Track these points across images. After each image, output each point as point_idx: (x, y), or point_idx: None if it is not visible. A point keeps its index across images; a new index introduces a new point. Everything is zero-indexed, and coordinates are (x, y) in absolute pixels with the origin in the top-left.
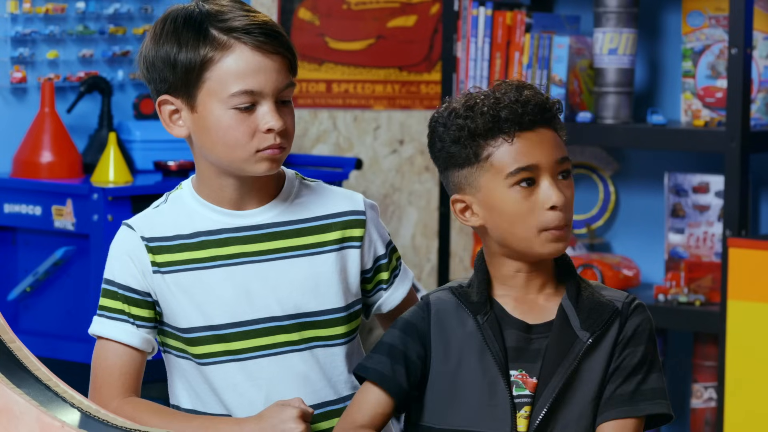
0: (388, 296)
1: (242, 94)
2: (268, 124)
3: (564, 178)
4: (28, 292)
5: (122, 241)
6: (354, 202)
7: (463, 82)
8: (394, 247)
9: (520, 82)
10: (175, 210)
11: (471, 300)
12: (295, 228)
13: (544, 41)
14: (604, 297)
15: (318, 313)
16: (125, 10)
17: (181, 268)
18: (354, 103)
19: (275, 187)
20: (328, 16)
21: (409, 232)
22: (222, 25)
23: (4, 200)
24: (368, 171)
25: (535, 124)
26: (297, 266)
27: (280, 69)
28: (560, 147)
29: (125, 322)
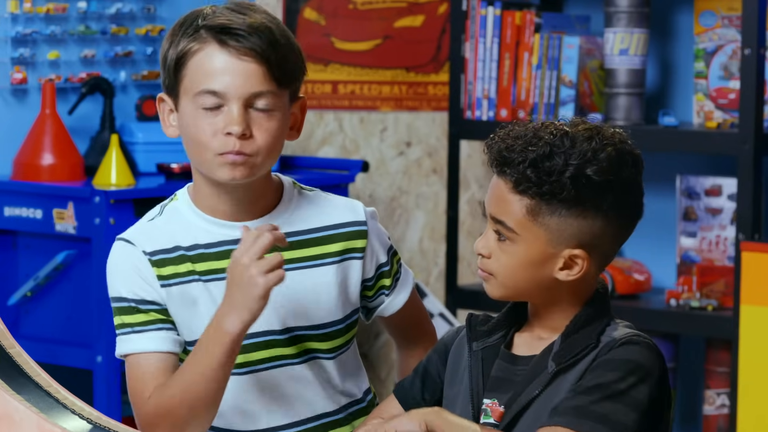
0: (390, 301)
1: (207, 93)
2: (227, 127)
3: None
4: (29, 296)
5: (124, 257)
6: (355, 212)
7: (471, 84)
8: (395, 252)
9: (536, 132)
10: (172, 222)
11: (477, 327)
12: (294, 240)
13: (554, 41)
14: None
15: (316, 327)
16: (127, 9)
17: (186, 279)
18: (360, 104)
19: (273, 198)
20: (334, 16)
21: (416, 236)
22: (204, 22)
23: (4, 203)
24: (375, 173)
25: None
26: (296, 279)
27: (252, 74)
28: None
29: (153, 330)
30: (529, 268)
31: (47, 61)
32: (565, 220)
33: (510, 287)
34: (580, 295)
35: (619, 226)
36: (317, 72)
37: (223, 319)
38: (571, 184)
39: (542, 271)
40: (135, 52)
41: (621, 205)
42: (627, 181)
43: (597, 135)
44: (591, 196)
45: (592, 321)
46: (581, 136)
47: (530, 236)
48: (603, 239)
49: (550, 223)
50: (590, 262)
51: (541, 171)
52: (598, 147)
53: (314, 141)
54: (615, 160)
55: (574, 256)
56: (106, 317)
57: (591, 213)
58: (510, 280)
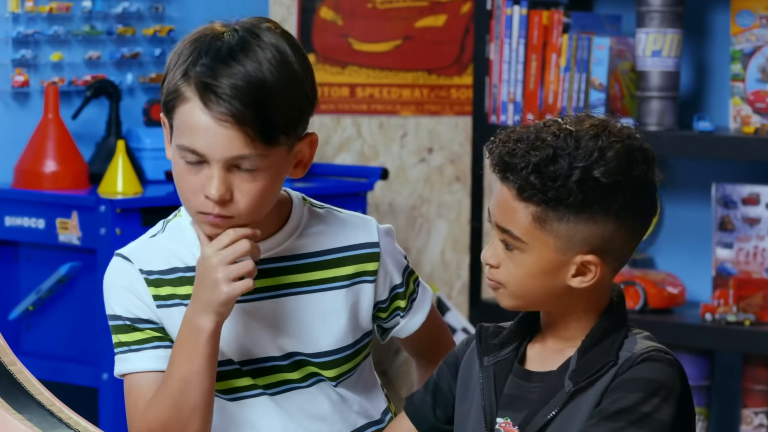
0: (405, 323)
1: (187, 149)
2: (205, 190)
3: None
4: (31, 311)
5: (119, 274)
6: (367, 232)
7: (496, 86)
8: (411, 271)
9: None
10: (174, 240)
11: (488, 340)
12: (302, 263)
13: (583, 42)
14: (615, 349)
15: (321, 354)
16: (135, 9)
17: (187, 302)
18: (379, 108)
19: (281, 217)
20: (352, 15)
21: (438, 247)
22: (198, 71)
23: (5, 213)
24: (395, 181)
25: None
26: (303, 304)
27: (233, 140)
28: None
29: (150, 349)
30: (540, 277)
31: (50, 63)
32: (574, 225)
33: (521, 297)
34: (596, 303)
35: (632, 228)
36: (334, 74)
37: (194, 317)
38: (577, 188)
39: (554, 279)
40: (142, 54)
41: (632, 205)
42: (637, 179)
43: (603, 132)
44: (600, 199)
45: (609, 334)
46: (587, 135)
47: (538, 244)
48: (615, 243)
49: (559, 229)
50: (604, 267)
51: (545, 176)
52: (605, 145)
53: (331, 147)
54: (623, 159)
55: (587, 263)
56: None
57: (601, 216)
58: (521, 290)
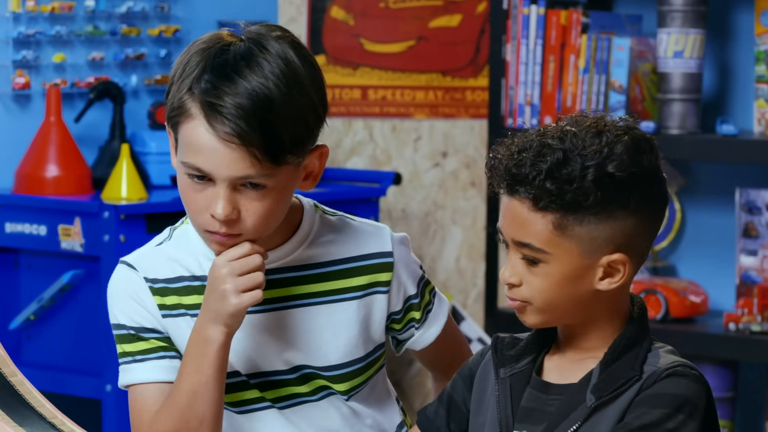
0: (420, 335)
1: (192, 167)
2: (211, 209)
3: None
4: (32, 320)
5: (123, 282)
6: (380, 241)
7: (512, 88)
8: (426, 281)
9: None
10: (180, 248)
11: (504, 352)
12: (313, 273)
13: (603, 43)
14: (639, 363)
15: (331, 368)
16: (139, 8)
17: (194, 313)
18: (392, 111)
19: (291, 225)
20: (364, 15)
21: (453, 254)
22: (203, 88)
23: (5, 219)
24: (408, 186)
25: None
26: (313, 316)
27: (238, 160)
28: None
29: (155, 359)
30: (567, 286)
31: (52, 65)
32: (595, 226)
33: (549, 311)
34: (619, 310)
35: (651, 219)
36: (345, 76)
37: (204, 328)
38: (594, 187)
39: (581, 286)
40: (147, 55)
41: (648, 196)
42: (649, 169)
43: (605, 127)
44: (617, 194)
45: (633, 346)
46: (590, 133)
47: (562, 252)
48: (638, 237)
49: (581, 233)
50: (630, 265)
51: (560, 180)
52: (611, 140)
53: (342, 151)
54: (633, 151)
55: (613, 262)
56: (114, 342)
57: (620, 212)
58: (548, 303)
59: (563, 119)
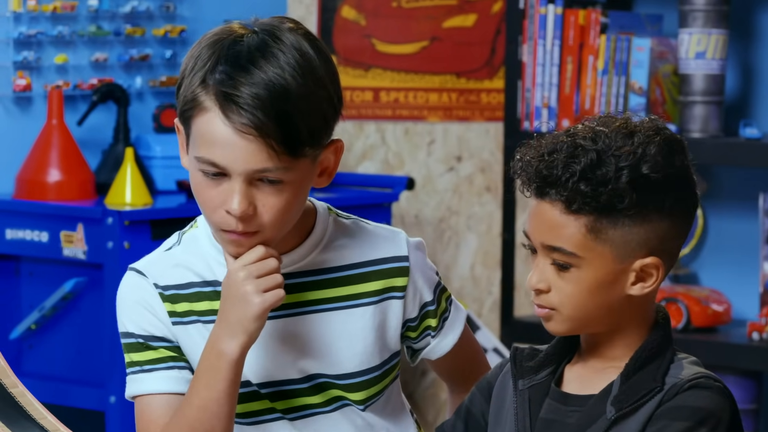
0: (436, 343)
1: (206, 162)
2: (227, 206)
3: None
4: (33, 329)
5: (133, 289)
6: (396, 245)
7: (529, 91)
8: (443, 288)
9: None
10: (190, 253)
11: (523, 363)
12: (327, 278)
13: (622, 43)
14: (661, 374)
15: (346, 376)
16: (144, 8)
17: (205, 319)
18: (405, 114)
19: (304, 228)
20: (376, 14)
21: (467, 262)
22: (217, 78)
23: (6, 225)
24: (421, 191)
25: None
26: (327, 322)
27: (255, 152)
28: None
29: (164, 369)
30: (599, 292)
31: (54, 66)
32: (629, 229)
33: (578, 319)
34: (646, 316)
35: (683, 222)
36: (357, 78)
37: (219, 341)
38: (630, 189)
39: (613, 291)
40: (152, 56)
41: (681, 198)
42: (681, 170)
43: (635, 128)
44: (652, 196)
45: (655, 357)
46: (621, 134)
47: (595, 256)
48: (670, 240)
49: (615, 236)
50: (663, 269)
51: (594, 182)
52: (644, 140)
53: (353, 155)
54: (665, 152)
55: (647, 266)
56: (119, 353)
57: (655, 215)
58: (578, 310)
59: (590, 120)
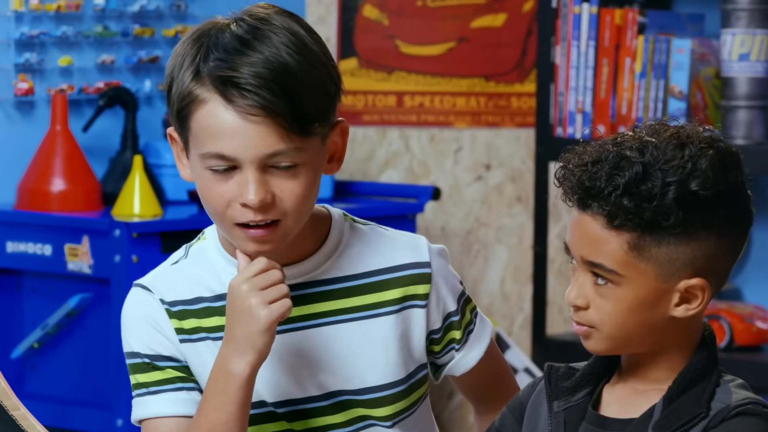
0: (461, 357)
1: (214, 156)
2: (242, 198)
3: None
4: (36, 348)
5: (138, 306)
6: (417, 251)
7: (562, 95)
8: (467, 299)
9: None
10: (197, 266)
11: (558, 383)
12: (344, 286)
13: (661, 45)
14: (706, 399)
15: (368, 390)
16: (153, 7)
17: (215, 336)
18: (430, 119)
19: (319, 235)
20: (399, 14)
21: (497, 276)
22: (211, 66)
23: (7, 238)
24: (448, 202)
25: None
26: (346, 333)
27: (266, 135)
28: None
29: (171, 390)
30: (640, 312)
31: (58, 68)
32: (675, 248)
33: (618, 338)
34: (692, 336)
35: (734, 241)
36: (379, 81)
37: (227, 361)
38: (676, 206)
39: (655, 312)
40: (162, 58)
41: (732, 216)
42: (734, 187)
43: (688, 139)
44: (700, 214)
45: (700, 379)
46: (671, 145)
47: (636, 275)
48: (719, 261)
49: (659, 255)
50: (710, 291)
51: (638, 197)
52: (695, 153)
53: (376, 163)
54: (718, 167)
55: (692, 287)
56: (126, 372)
57: (703, 233)
58: (619, 330)
59: (641, 127)
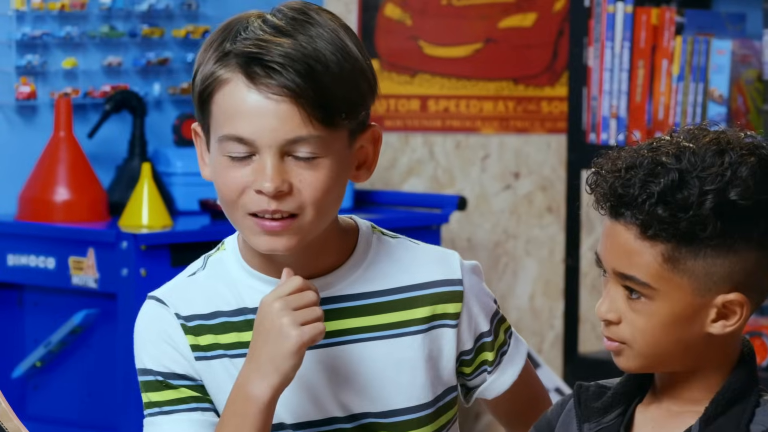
0: (493, 380)
1: (231, 139)
2: (257, 184)
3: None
4: (39, 367)
5: (152, 320)
6: (448, 267)
7: (595, 99)
8: (501, 318)
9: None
10: (216, 278)
11: (589, 403)
12: (370, 303)
13: (700, 46)
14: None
15: (393, 413)
16: (163, 6)
17: (232, 353)
18: (456, 125)
19: (345, 248)
20: (423, 13)
21: (526, 291)
22: (236, 45)
23: (8, 250)
24: (474, 212)
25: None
26: (371, 352)
27: (287, 118)
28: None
29: (184, 411)
30: (675, 328)
31: (61, 71)
32: (712, 261)
33: (651, 355)
34: (730, 354)
35: None
36: (402, 84)
37: (248, 382)
38: (714, 216)
39: (691, 328)
40: (172, 60)
41: None
42: None
43: (728, 145)
44: (739, 225)
45: (739, 400)
46: (710, 152)
47: (671, 288)
48: (759, 274)
49: (695, 268)
50: (749, 306)
51: (674, 206)
52: (735, 161)
53: (398, 171)
54: (760, 175)
55: (729, 303)
56: (134, 393)
57: (742, 246)
58: (650, 347)
59: (679, 132)
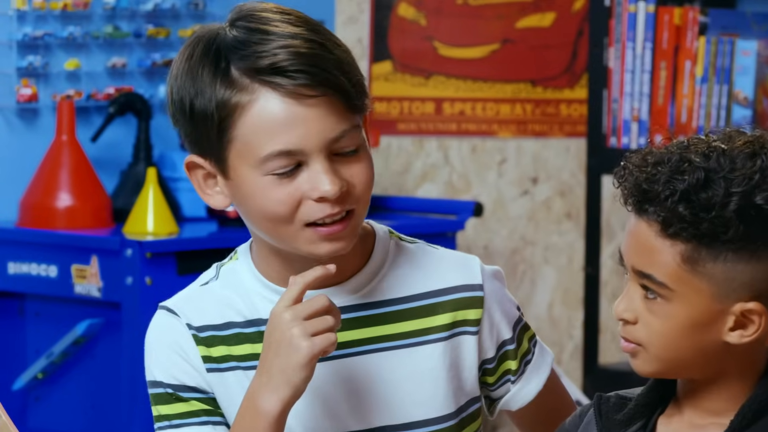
0: (517, 390)
1: (278, 156)
2: (318, 191)
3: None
4: (40, 379)
5: (162, 331)
6: (468, 272)
7: (616, 101)
8: (525, 326)
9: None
10: (229, 288)
11: (610, 415)
12: (388, 311)
13: (724, 47)
14: None
15: (415, 425)
16: (168, 5)
17: (245, 365)
18: (472, 128)
19: (362, 254)
20: (438, 13)
21: (545, 300)
22: (243, 63)
23: (8, 258)
24: (491, 218)
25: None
26: (391, 362)
27: (328, 114)
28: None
29: (195, 425)
30: (691, 333)
31: (64, 73)
32: (733, 266)
33: (666, 360)
34: (755, 364)
35: None
36: (416, 86)
37: (258, 396)
38: (737, 219)
39: (708, 334)
40: None
41: None
42: None
43: (762, 149)
44: (764, 231)
45: (765, 413)
46: (742, 154)
47: (689, 291)
48: None
49: (714, 271)
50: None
51: (697, 205)
52: (766, 164)
53: (412, 176)
54: None
55: (748, 312)
56: (140, 405)
57: (765, 253)
58: (666, 350)
59: (714, 132)
